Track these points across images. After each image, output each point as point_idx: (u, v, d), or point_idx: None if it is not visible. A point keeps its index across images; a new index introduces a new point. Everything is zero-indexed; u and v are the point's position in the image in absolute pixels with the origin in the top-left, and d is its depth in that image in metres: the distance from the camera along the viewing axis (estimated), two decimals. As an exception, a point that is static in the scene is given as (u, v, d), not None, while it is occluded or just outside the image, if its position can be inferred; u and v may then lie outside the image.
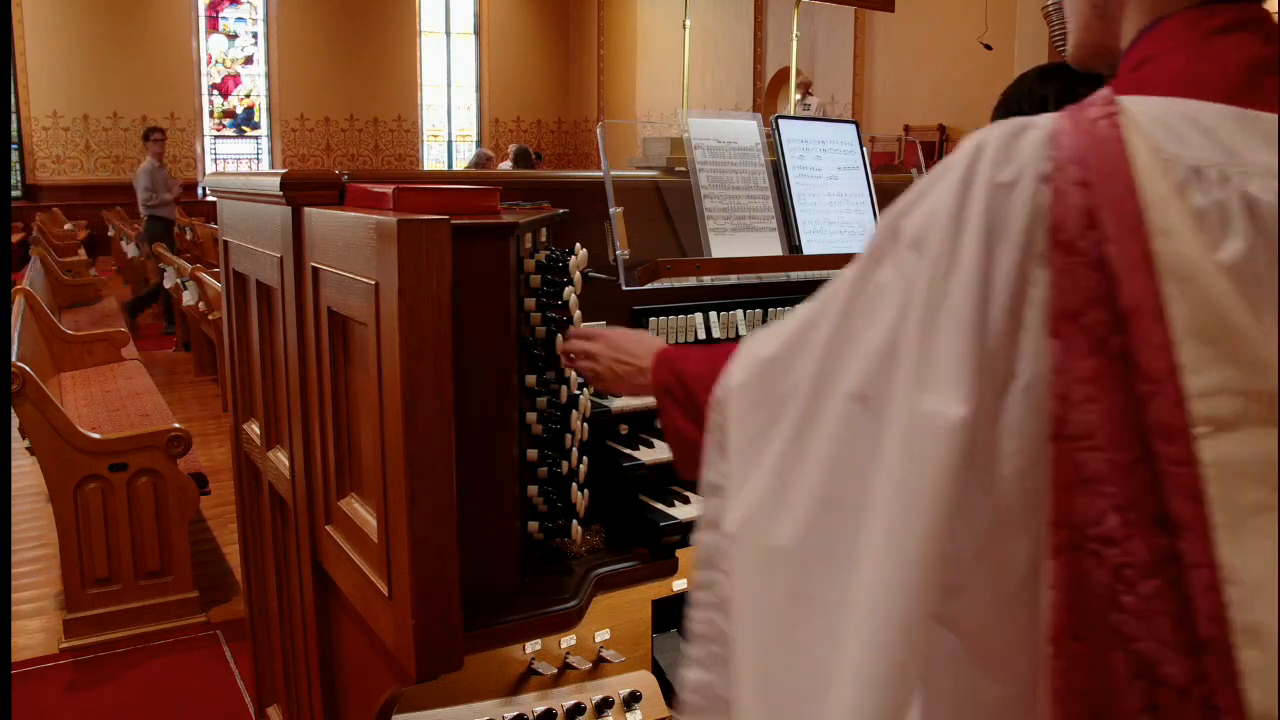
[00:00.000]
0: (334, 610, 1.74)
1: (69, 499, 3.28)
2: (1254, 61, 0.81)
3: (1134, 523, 0.74)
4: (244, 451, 2.28)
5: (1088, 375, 0.75)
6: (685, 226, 2.10)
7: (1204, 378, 0.73)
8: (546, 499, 1.61)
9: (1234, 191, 0.76)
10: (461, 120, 18.77)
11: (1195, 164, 0.77)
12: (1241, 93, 0.80)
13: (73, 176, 15.76)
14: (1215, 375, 0.73)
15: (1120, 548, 0.74)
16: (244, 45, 17.04)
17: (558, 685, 1.85)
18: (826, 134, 2.34)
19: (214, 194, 2.33)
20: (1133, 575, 0.74)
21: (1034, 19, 8.60)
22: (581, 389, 1.67)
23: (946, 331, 0.80)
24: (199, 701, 2.96)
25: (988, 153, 0.81)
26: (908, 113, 11.42)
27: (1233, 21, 0.83)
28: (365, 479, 1.50)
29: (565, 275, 1.59)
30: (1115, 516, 0.74)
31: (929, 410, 0.79)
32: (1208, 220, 0.76)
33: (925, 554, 0.80)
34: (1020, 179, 0.79)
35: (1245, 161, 0.77)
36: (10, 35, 14.36)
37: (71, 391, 4.62)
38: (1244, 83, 0.81)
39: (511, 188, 1.81)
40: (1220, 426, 0.72)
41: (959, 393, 0.78)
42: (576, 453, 1.64)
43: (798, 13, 2.98)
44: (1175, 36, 0.85)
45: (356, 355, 1.50)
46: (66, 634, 3.30)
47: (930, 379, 0.80)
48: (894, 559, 0.81)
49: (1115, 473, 0.74)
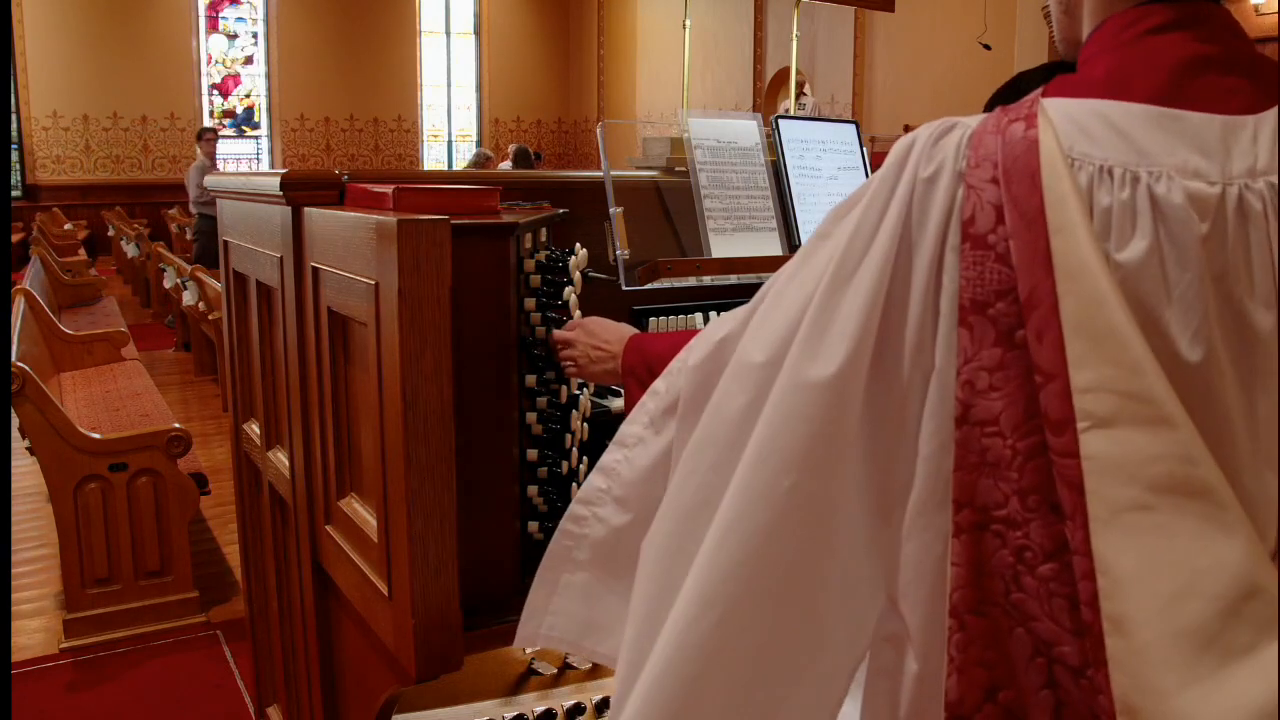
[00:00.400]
0: (334, 610, 1.74)
1: (69, 499, 3.28)
2: (1185, 61, 0.82)
3: (1034, 508, 0.77)
4: (244, 451, 2.28)
5: (992, 364, 0.79)
6: (685, 226, 2.10)
7: (1086, 374, 0.75)
8: (546, 499, 1.61)
9: (1142, 191, 0.78)
10: (461, 120, 18.75)
11: (1104, 164, 0.79)
12: (1169, 92, 0.81)
13: (73, 176, 15.74)
14: (1095, 372, 0.75)
15: (1022, 530, 0.77)
16: (244, 45, 17.03)
17: (558, 685, 1.85)
18: (826, 134, 2.34)
19: (214, 194, 2.33)
20: (1032, 558, 0.77)
21: (1034, 19, 8.60)
22: (581, 389, 1.67)
23: (845, 305, 0.85)
24: (199, 701, 2.96)
25: (916, 148, 0.86)
26: (908, 113, 11.40)
27: (1168, 21, 0.84)
28: (365, 479, 1.50)
29: (565, 275, 1.59)
30: (1016, 500, 0.78)
31: (807, 374, 0.85)
32: (1114, 220, 0.78)
33: (765, 501, 0.85)
34: (940, 174, 0.83)
35: (1158, 162, 0.79)
36: (10, 35, 14.36)
37: (71, 391, 4.62)
38: (1172, 82, 0.81)
39: (511, 188, 1.81)
40: (1098, 423, 0.74)
41: (834, 358, 0.84)
42: (576, 453, 1.64)
43: (798, 13, 2.98)
44: (1112, 37, 0.87)
45: (356, 355, 1.50)
46: (66, 634, 3.30)
47: (818, 349, 0.85)
48: (734, 509, 0.87)
49: (1016, 459, 0.78)
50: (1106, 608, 0.72)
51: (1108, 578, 0.73)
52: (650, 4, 16.22)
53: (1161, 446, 0.73)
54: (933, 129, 0.86)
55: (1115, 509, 0.73)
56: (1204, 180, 0.78)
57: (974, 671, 0.79)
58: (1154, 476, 0.73)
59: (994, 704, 0.79)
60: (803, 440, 0.84)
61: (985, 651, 0.79)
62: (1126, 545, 0.73)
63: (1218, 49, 0.83)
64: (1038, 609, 0.77)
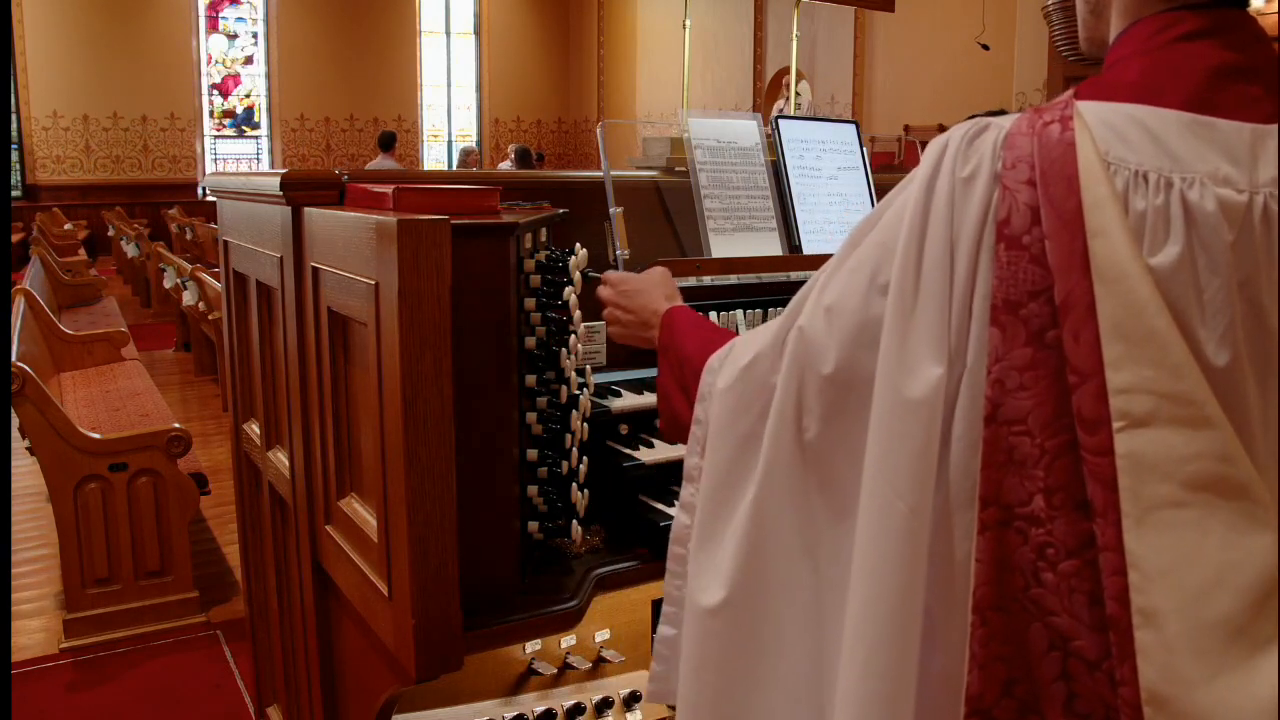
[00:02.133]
0: (334, 610, 1.74)
1: (69, 499, 3.28)
2: (1215, 69, 0.83)
3: (1059, 505, 0.79)
4: (244, 451, 2.28)
5: (1023, 363, 0.80)
6: (685, 226, 2.10)
7: (1123, 375, 0.76)
8: (546, 499, 1.61)
9: (1175, 197, 0.79)
10: (461, 120, 18.76)
11: (1139, 169, 0.80)
12: (1200, 99, 0.82)
13: (73, 176, 15.75)
14: (1133, 374, 0.76)
15: (1045, 528, 0.79)
16: (244, 45, 17.03)
17: (558, 685, 1.85)
18: (826, 134, 2.34)
19: (214, 194, 2.33)
20: (1054, 554, 0.79)
21: (1033, 19, 8.60)
22: (581, 389, 1.67)
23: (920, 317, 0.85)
24: (199, 701, 2.96)
25: (951, 149, 0.87)
26: (908, 113, 11.41)
27: (1198, 29, 0.85)
28: (365, 479, 1.50)
29: (565, 275, 1.59)
30: (1042, 498, 0.79)
31: (905, 392, 0.85)
32: (1148, 224, 0.79)
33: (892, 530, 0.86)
34: (978, 175, 0.84)
35: (1190, 169, 0.80)
36: (10, 35, 14.35)
37: (71, 391, 4.62)
38: (1203, 89, 0.83)
39: (511, 188, 1.81)
40: (1134, 422, 0.76)
41: (929, 367, 0.84)
42: (576, 453, 1.64)
43: (798, 13, 2.99)
44: (1141, 41, 0.87)
45: (356, 355, 1.50)
46: (66, 634, 3.30)
47: (909, 362, 0.85)
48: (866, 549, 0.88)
49: (1044, 458, 0.79)
50: (1137, 601, 0.74)
51: (1139, 572, 0.74)
52: (650, 4, 16.22)
53: (1199, 445, 0.75)
54: (966, 130, 0.87)
55: (1148, 506, 0.75)
56: (1233, 188, 0.79)
57: (994, 667, 0.81)
58: (1190, 475, 0.75)
59: (1011, 697, 0.81)
60: (912, 459, 0.85)
61: (1004, 647, 0.81)
62: (1159, 541, 0.74)
63: (1246, 57, 0.84)
64: (1057, 604, 0.79)
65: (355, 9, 17.17)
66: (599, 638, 1.90)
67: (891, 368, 0.86)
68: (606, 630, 1.91)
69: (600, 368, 1.99)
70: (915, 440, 0.84)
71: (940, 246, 0.85)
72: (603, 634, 1.90)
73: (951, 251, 0.85)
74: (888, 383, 0.86)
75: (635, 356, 2.06)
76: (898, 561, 0.84)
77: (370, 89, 17.50)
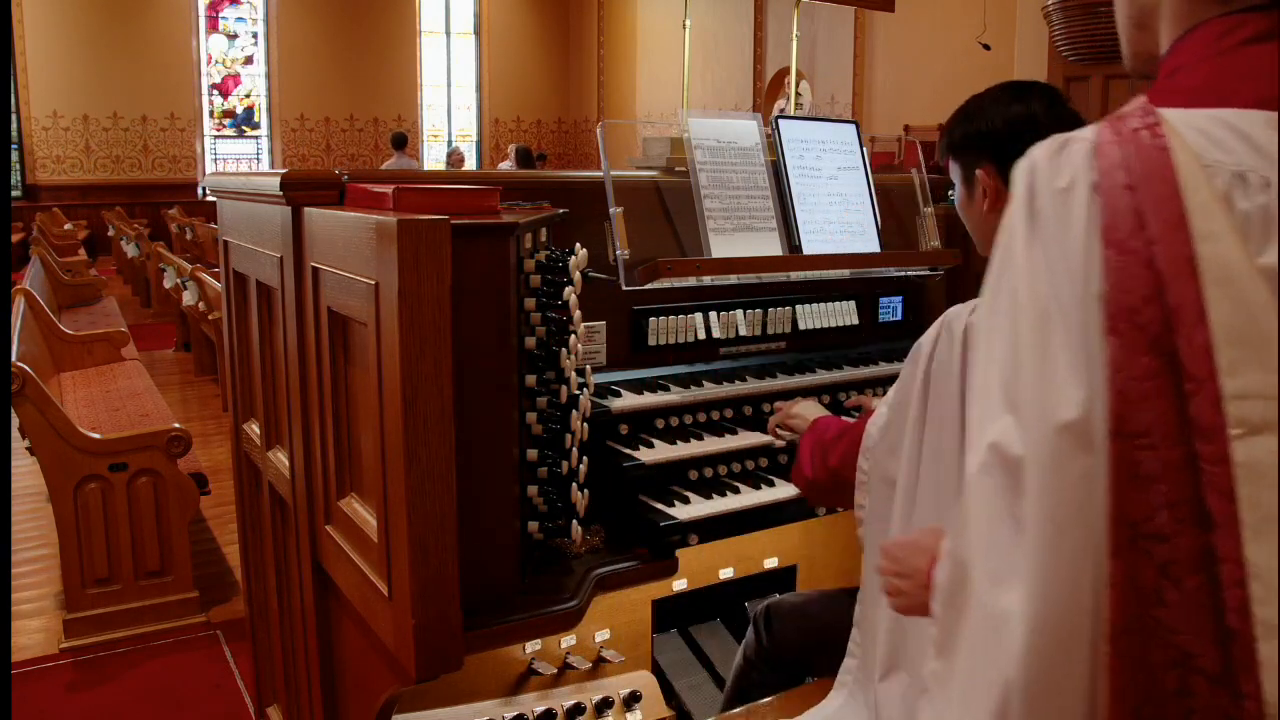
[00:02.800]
0: (334, 610, 1.74)
1: (69, 499, 3.27)
2: None
3: (1182, 519, 0.76)
4: (244, 451, 2.28)
5: (1143, 373, 0.78)
6: (685, 226, 2.10)
7: (1238, 380, 0.75)
8: (546, 499, 1.61)
9: (1275, 195, 0.78)
10: (461, 120, 18.75)
11: (1238, 170, 0.79)
12: (1276, 100, 0.81)
13: (73, 176, 15.74)
14: (1248, 379, 0.75)
15: (1169, 544, 0.76)
16: (244, 45, 17.02)
17: (558, 685, 1.85)
18: (826, 134, 2.34)
19: (214, 194, 2.33)
20: (1178, 571, 0.76)
21: (1033, 19, 8.59)
22: (581, 389, 1.67)
23: (1054, 339, 0.81)
24: (199, 701, 2.96)
25: (1040, 167, 0.84)
26: (908, 113, 11.40)
27: (1264, 31, 0.84)
28: (365, 479, 1.50)
29: (565, 275, 1.59)
30: (1166, 513, 0.76)
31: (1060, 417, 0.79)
32: (1251, 225, 0.78)
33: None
34: (1075, 184, 0.82)
35: None
36: (10, 35, 14.35)
37: (71, 391, 4.62)
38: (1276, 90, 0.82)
39: (511, 188, 1.81)
40: (1251, 429, 0.74)
41: (1073, 394, 0.79)
42: (576, 453, 1.64)
43: (798, 13, 2.99)
44: (1205, 46, 0.87)
45: (356, 355, 1.50)
46: (66, 634, 3.30)
47: (1054, 391, 0.80)
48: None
49: (1167, 471, 0.77)
50: (1260, 613, 0.73)
51: (1260, 583, 0.73)
52: (650, 4, 16.22)
53: None
54: (1046, 147, 0.85)
55: (1267, 515, 0.73)
56: None
57: (1127, 693, 0.78)
58: None
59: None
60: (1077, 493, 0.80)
61: (1135, 673, 0.78)
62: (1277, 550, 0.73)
63: None
64: (1181, 623, 0.76)
65: (355, 9, 17.16)
66: (599, 638, 1.90)
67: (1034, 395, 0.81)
68: (606, 630, 1.91)
69: (600, 368, 1.99)
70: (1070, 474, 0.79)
71: (1062, 261, 0.81)
72: (603, 634, 1.90)
73: (1067, 265, 0.81)
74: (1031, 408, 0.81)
75: (635, 356, 2.06)
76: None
77: (370, 89, 17.49)
